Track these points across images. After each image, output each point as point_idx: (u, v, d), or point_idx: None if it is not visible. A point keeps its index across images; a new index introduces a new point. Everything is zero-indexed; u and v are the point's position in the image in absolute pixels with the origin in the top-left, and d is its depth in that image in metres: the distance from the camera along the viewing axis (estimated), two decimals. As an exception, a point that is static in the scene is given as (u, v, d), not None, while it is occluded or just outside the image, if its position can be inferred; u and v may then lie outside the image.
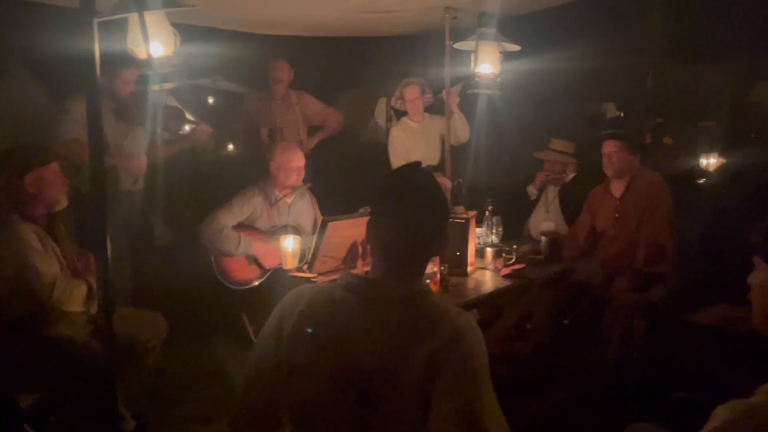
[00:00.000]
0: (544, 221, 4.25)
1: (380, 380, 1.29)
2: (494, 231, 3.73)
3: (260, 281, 3.43)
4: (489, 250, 3.37)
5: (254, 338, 2.90)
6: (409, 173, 1.46)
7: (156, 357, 2.89)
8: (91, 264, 2.65)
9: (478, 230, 3.59)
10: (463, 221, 3.13)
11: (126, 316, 2.76)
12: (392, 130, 4.68)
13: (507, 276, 3.17)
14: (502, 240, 3.74)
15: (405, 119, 4.62)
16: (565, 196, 4.24)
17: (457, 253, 3.12)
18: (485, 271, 3.28)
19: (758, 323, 1.43)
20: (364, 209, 3.11)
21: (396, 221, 1.40)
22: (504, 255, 3.29)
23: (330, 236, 2.95)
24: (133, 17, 2.21)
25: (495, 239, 3.72)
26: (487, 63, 3.56)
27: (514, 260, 3.27)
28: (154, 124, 3.69)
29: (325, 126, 4.81)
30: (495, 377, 1.33)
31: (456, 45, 3.72)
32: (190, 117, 4.01)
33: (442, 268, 2.87)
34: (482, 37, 3.50)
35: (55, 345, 2.51)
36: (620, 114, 6.65)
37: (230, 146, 5.45)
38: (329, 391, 1.34)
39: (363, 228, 1.45)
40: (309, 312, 1.39)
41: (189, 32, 2.88)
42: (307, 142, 4.64)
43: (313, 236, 3.05)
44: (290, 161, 3.47)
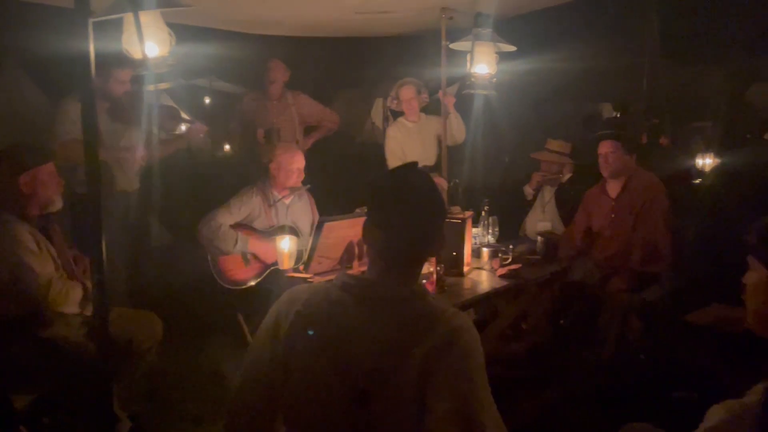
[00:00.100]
0: (541, 221, 4.25)
1: (376, 380, 1.29)
2: (490, 231, 3.73)
3: (257, 281, 3.43)
4: (485, 250, 3.37)
5: (250, 338, 2.89)
6: (406, 173, 1.46)
7: (152, 357, 2.88)
8: (87, 265, 2.65)
9: (475, 230, 3.59)
10: (460, 221, 3.14)
11: (122, 317, 2.76)
12: (389, 131, 4.68)
13: (503, 276, 3.18)
14: (499, 240, 3.75)
15: (401, 119, 4.62)
16: (562, 197, 4.25)
17: (454, 254, 3.13)
18: (481, 272, 3.28)
19: (752, 323, 1.44)
20: (361, 209, 3.11)
21: (392, 221, 1.40)
22: (500, 255, 3.30)
23: (326, 236, 2.95)
24: (129, 17, 2.20)
25: (491, 239, 3.72)
26: (483, 63, 3.56)
27: (511, 260, 3.28)
28: (150, 124, 3.68)
29: (322, 126, 4.80)
30: (491, 377, 1.33)
31: (452, 45, 3.72)
32: (186, 116, 4.00)
33: (439, 269, 2.87)
34: (478, 38, 3.50)
35: (51, 346, 2.51)
36: (616, 114, 6.66)
37: (227, 146, 5.44)
38: (325, 391, 1.34)
39: (359, 228, 1.45)
40: (305, 312, 1.39)
41: (185, 32, 2.88)
42: (304, 143, 4.64)
43: (310, 237, 3.05)
44: (291, 163, 3.47)
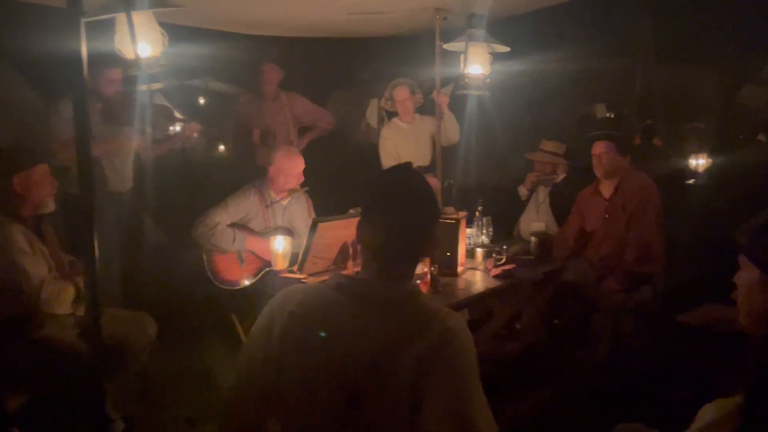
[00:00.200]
0: (535, 222, 4.25)
1: (370, 381, 1.29)
2: (484, 231, 3.73)
3: (251, 282, 3.42)
4: (479, 251, 3.37)
5: (245, 339, 2.88)
6: (400, 174, 1.46)
7: (145, 358, 2.88)
8: (80, 267, 2.64)
9: (469, 231, 3.59)
10: (454, 222, 3.14)
11: (115, 318, 2.75)
12: (383, 131, 4.68)
13: (497, 276, 3.18)
14: (493, 240, 3.75)
15: (396, 120, 4.61)
16: (556, 197, 4.25)
17: (448, 254, 3.13)
18: (475, 272, 3.28)
19: (744, 323, 1.44)
20: (355, 210, 3.11)
21: (386, 222, 1.40)
22: (494, 255, 3.30)
23: (321, 237, 2.94)
24: (121, 17, 2.19)
25: (485, 240, 3.72)
26: (477, 64, 3.57)
27: (504, 260, 3.28)
28: (143, 124, 3.67)
29: (316, 126, 4.80)
30: (485, 377, 1.33)
31: (446, 46, 3.72)
32: (179, 115, 3.99)
33: (433, 269, 2.87)
34: (472, 39, 3.50)
35: (43, 347, 2.50)
36: (610, 115, 6.69)
37: (221, 147, 5.44)
38: (319, 392, 1.33)
39: (354, 229, 1.45)
40: (299, 312, 1.39)
41: (179, 33, 2.88)
42: (298, 143, 4.63)
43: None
44: (292, 167, 3.45)
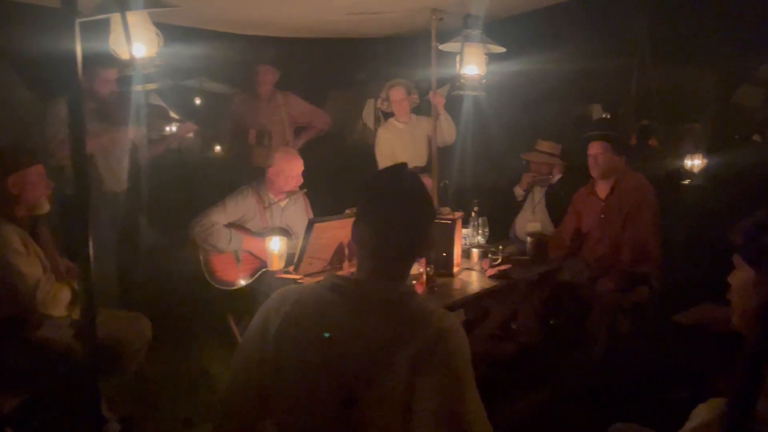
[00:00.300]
0: (531, 222, 4.26)
1: (365, 381, 1.29)
2: (480, 232, 3.74)
3: (247, 282, 3.42)
4: (475, 251, 3.38)
5: (240, 339, 2.88)
6: (394, 174, 1.46)
7: (141, 359, 2.87)
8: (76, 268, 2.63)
9: (465, 231, 3.59)
10: (450, 222, 3.14)
11: (111, 319, 2.75)
12: (379, 131, 4.68)
13: (493, 277, 3.18)
14: (489, 241, 3.75)
15: (392, 120, 4.62)
16: (552, 197, 4.26)
17: (444, 254, 3.13)
18: (471, 272, 3.28)
19: (737, 323, 1.45)
20: (351, 210, 3.11)
21: (381, 222, 1.40)
22: (490, 256, 3.30)
23: (317, 237, 2.94)
24: (116, 17, 2.19)
25: (481, 240, 3.73)
26: (473, 64, 3.56)
27: (500, 261, 3.29)
28: (138, 123, 3.66)
29: (312, 126, 4.79)
30: (482, 377, 1.34)
31: (441, 46, 3.72)
32: (174, 115, 3.98)
33: (428, 269, 2.88)
34: (467, 39, 3.50)
35: (38, 348, 2.49)
36: (606, 115, 6.69)
37: (217, 147, 5.43)
38: (314, 392, 1.33)
39: (349, 229, 1.45)
40: (294, 313, 1.39)
41: (174, 33, 2.87)
42: (294, 143, 4.63)
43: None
44: (291, 169, 3.46)
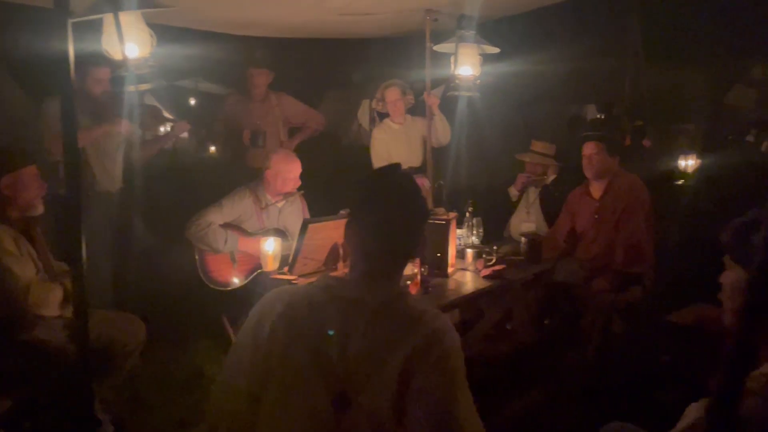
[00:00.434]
0: (525, 222, 4.27)
1: (357, 381, 1.29)
2: (475, 232, 3.74)
3: (242, 282, 3.41)
4: (469, 251, 3.38)
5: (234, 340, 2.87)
6: (388, 175, 1.46)
7: (135, 360, 2.86)
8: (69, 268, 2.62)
9: (459, 231, 3.59)
10: (444, 222, 3.14)
11: (104, 320, 2.74)
12: (374, 132, 4.67)
13: (487, 277, 3.19)
14: (483, 241, 3.75)
15: (387, 121, 4.61)
16: (546, 198, 4.27)
17: (438, 255, 3.13)
18: (466, 272, 3.29)
19: (729, 322, 1.46)
20: (345, 211, 3.11)
21: (374, 223, 1.40)
22: (484, 256, 3.31)
23: (311, 238, 2.94)
24: (108, 18, 2.18)
25: (476, 240, 3.73)
26: (467, 65, 3.57)
27: (495, 261, 3.29)
28: (132, 123, 3.64)
29: (307, 127, 4.78)
30: (476, 378, 1.34)
31: (436, 47, 3.72)
32: (168, 115, 3.97)
33: (423, 270, 2.88)
34: (462, 40, 3.51)
35: (31, 349, 2.48)
36: (600, 116, 6.71)
37: (211, 147, 5.42)
38: (307, 393, 1.33)
39: (343, 230, 1.45)
40: (287, 314, 1.39)
41: (168, 33, 2.86)
42: (288, 143, 4.62)
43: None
44: (290, 171, 3.45)
